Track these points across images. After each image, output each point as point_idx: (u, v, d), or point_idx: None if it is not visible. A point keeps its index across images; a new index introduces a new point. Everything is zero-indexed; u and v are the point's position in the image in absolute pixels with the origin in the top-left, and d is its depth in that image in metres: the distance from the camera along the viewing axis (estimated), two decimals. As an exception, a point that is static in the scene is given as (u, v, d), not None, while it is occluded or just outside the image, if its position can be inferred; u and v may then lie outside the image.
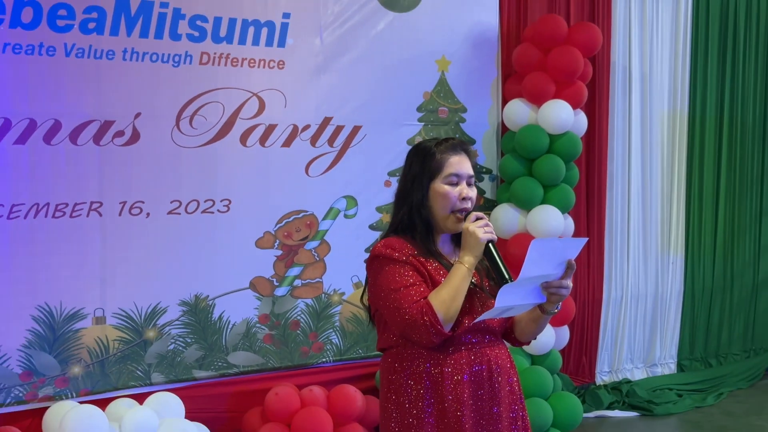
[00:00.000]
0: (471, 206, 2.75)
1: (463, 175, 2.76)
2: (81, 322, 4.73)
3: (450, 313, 2.60)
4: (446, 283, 2.63)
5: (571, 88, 5.76)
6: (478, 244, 2.63)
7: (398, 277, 2.66)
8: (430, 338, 2.61)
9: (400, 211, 2.80)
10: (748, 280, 7.45)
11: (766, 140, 7.45)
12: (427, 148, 2.79)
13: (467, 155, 2.81)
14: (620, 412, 6.39)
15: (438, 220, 2.76)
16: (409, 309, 2.61)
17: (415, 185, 2.77)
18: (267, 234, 5.24)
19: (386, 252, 2.71)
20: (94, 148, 4.71)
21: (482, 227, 2.65)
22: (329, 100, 5.37)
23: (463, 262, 2.64)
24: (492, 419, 2.74)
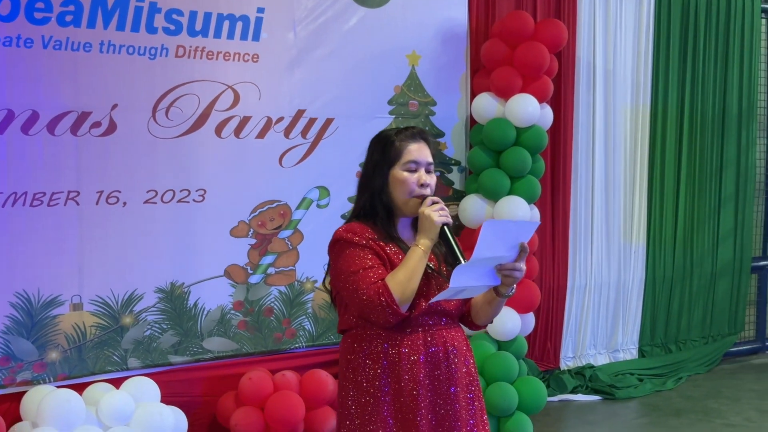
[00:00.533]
0: (430, 192, 2.85)
1: (421, 162, 2.85)
2: (58, 308, 4.83)
3: (406, 294, 2.69)
4: (402, 265, 2.72)
5: (537, 83, 5.91)
6: (434, 227, 2.72)
7: (357, 260, 2.76)
8: (387, 318, 2.70)
9: (362, 197, 2.90)
10: (707, 269, 7.67)
11: (724, 134, 7.66)
12: (388, 136, 2.90)
13: (426, 143, 2.91)
14: (583, 396, 6.60)
15: (398, 206, 2.85)
16: (367, 290, 2.69)
17: (376, 172, 2.87)
18: (241, 223, 5.36)
19: (347, 236, 2.80)
20: (71, 139, 4.80)
21: (437, 211, 2.75)
22: (303, 93, 5.50)
23: (419, 245, 2.72)
24: (449, 399, 2.82)
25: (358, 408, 2.82)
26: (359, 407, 2.81)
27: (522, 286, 5.86)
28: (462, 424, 2.83)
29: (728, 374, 7.39)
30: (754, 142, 7.87)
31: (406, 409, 2.78)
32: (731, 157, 7.72)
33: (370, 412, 2.79)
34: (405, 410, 2.78)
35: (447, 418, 2.82)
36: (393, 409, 2.79)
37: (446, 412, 2.82)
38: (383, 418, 2.78)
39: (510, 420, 5.50)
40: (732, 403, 6.45)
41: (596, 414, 6.22)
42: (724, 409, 6.27)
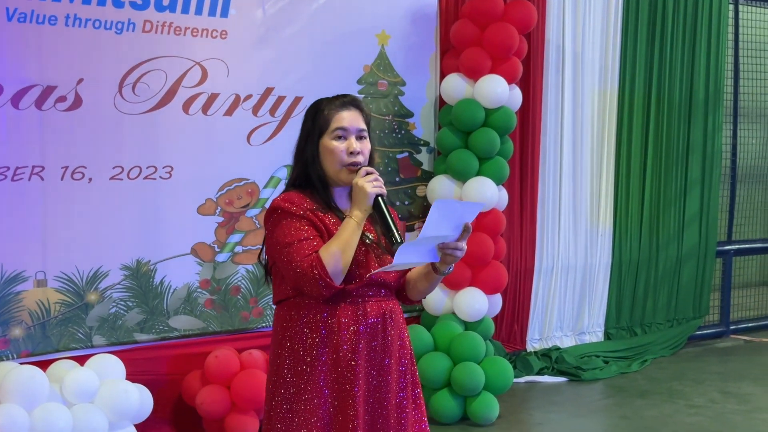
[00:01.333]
0: (363, 160, 2.80)
1: (351, 130, 2.79)
2: (22, 284, 4.76)
3: (339, 267, 2.65)
4: (336, 237, 2.68)
5: (506, 64, 5.92)
6: (367, 198, 2.69)
7: (293, 231, 2.71)
8: (320, 291, 2.67)
9: (297, 167, 2.85)
10: (672, 253, 7.74)
11: (691, 118, 7.73)
12: (318, 104, 2.84)
13: (358, 110, 2.85)
14: (549, 377, 6.64)
15: (330, 175, 2.80)
16: (301, 263, 2.66)
17: (308, 142, 2.81)
18: (209, 201, 5.33)
19: (284, 206, 2.75)
20: (36, 113, 4.73)
21: (371, 182, 2.71)
22: (271, 71, 5.46)
23: (352, 216, 2.69)
24: (383, 370, 2.80)
25: (294, 376, 2.76)
26: (295, 375, 2.76)
27: (489, 268, 5.90)
28: (392, 396, 2.81)
29: (692, 357, 7.48)
30: (720, 127, 7.94)
31: (342, 379, 2.74)
32: (697, 142, 7.79)
33: (306, 380, 2.74)
34: (342, 380, 2.75)
35: (379, 390, 2.80)
36: (329, 378, 2.75)
37: (378, 383, 2.80)
38: (319, 387, 2.74)
39: (476, 400, 5.52)
40: (696, 385, 6.52)
41: (562, 395, 6.27)
42: (688, 391, 6.34)
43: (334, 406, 2.76)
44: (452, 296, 5.91)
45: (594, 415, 5.83)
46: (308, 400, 2.75)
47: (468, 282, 5.88)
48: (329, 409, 2.76)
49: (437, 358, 5.55)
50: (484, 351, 5.64)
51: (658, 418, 5.67)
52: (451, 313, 5.90)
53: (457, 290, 5.90)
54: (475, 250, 5.77)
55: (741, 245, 8.50)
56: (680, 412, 5.82)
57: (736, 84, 8.26)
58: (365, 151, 2.82)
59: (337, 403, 2.76)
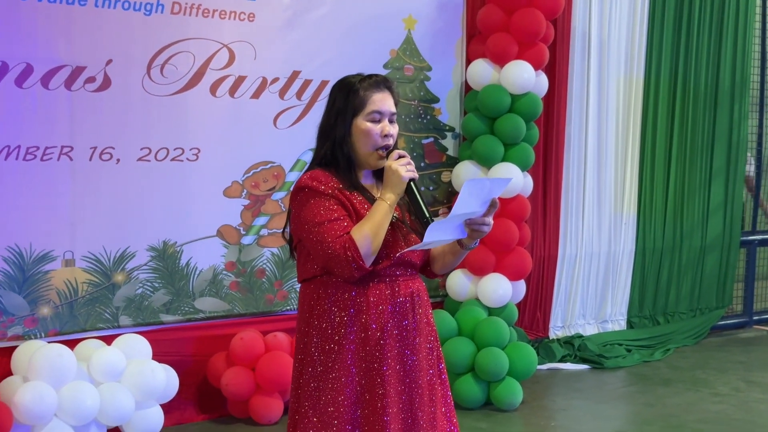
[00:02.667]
0: (393, 143, 2.80)
1: (385, 113, 2.79)
2: (50, 264, 4.80)
3: (372, 249, 2.65)
4: (368, 219, 2.68)
5: (533, 50, 5.90)
6: (400, 182, 2.69)
7: (323, 211, 2.70)
8: (352, 273, 2.67)
9: (323, 146, 2.82)
10: (696, 242, 7.70)
11: (717, 106, 7.68)
12: (351, 84, 2.81)
13: (390, 92, 2.83)
14: (572, 364, 6.64)
15: (360, 157, 2.80)
16: (333, 243, 2.65)
17: (338, 121, 2.78)
18: (235, 183, 5.34)
19: (312, 184, 2.73)
20: (65, 93, 4.76)
21: (404, 165, 2.71)
22: (298, 54, 5.47)
23: (384, 199, 2.69)
24: (414, 349, 2.80)
25: (322, 355, 2.75)
26: (323, 354, 2.75)
27: (514, 254, 5.89)
28: (423, 374, 2.82)
29: (715, 347, 7.44)
30: (746, 116, 7.89)
31: (371, 358, 2.74)
32: (723, 131, 7.74)
33: (334, 359, 2.74)
34: (370, 359, 2.75)
35: (413, 369, 2.80)
36: (357, 357, 2.74)
37: (412, 362, 2.80)
38: (347, 366, 2.74)
39: (500, 385, 5.52)
40: (719, 374, 6.50)
41: (585, 382, 6.26)
42: (711, 380, 6.32)
43: (361, 384, 2.77)
44: (476, 282, 5.90)
45: (617, 402, 5.82)
46: (336, 379, 2.75)
47: (492, 268, 5.88)
48: (356, 388, 2.77)
49: (461, 343, 5.55)
50: (509, 336, 5.63)
51: (682, 405, 5.66)
52: (474, 299, 5.90)
53: (481, 276, 5.89)
54: (500, 236, 5.76)
55: (765, 235, 8.44)
56: (704, 400, 5.80)
57: (762, 73, 8.19)
58: (395, 134, 2.83)
59: (364, 381, 2.76)
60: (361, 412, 2.76)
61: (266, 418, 5.15)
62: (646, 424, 5.28)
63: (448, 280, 5.99)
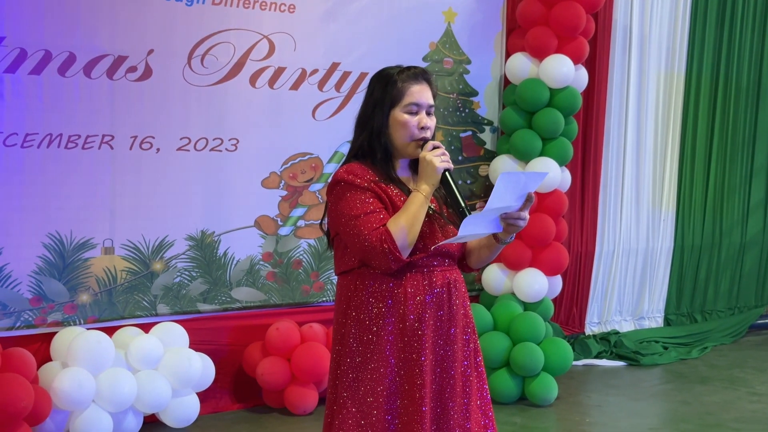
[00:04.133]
0: (430, 135, 2.80)
1: (423, 105, 2.78)
2: (90, 251, 4.85)
3: (408, 240, 2.66)
4: (404, 210, 2.68)
5: (572, 44, 5.86)
6: (435, 173, 2.69)
7: (359, 204, 2.70)
8: (389, 264, 2.67)
9: (360, 136, 2.82)
10: (735, 240, 7.63)
11: (759, 102, 7.60)
12: (390, 75, 2.80)
13: (428, 84, 2.83)
14: (608, 361, 6.60)
15: (397, 148, 2.79)
16: (369, 236, 2.65)
17: (376, 111, 2.78)
18: (273, 174, 5.36)
19: (348, 178, 2.73)
20: (107, 82, 4.80)
21: (439, 156, 2.71)
22: (337, 46, 5.47)
23: (420, 191, 2.69)
24: (449, 340, 2.80)
25: (360, 346, 2.76)
26: (361, 345, 2.76)
27: (550, 249, 5.86)
28: (458, 365, 2.82)
29: (754, 346, 7.37)
30: (788, 113, 7.79)
31: (409, 349, 2.74)
32: (764, 128, 7.66)
33: (372, 350, 2.75)
34: (408, 350, 2.75)
35: (446, 359, 2.80)
36: (395, 348, 2.75)
37: (445, 352, 2.80)
38: (385, 357, 2.74)
39: (535, 380, 5.50)
40: (758, 373, 6.43)
41: (621, 379, 6.22)
42: (749, 379, 6.25)
43: (400, 375, 2.76)
44: (512, 276, 5.88)
45: (654, 399, 5.77)
46: (374, 369, 2.75)
47: (528, 263, 5.85)
48: (395, 378, 2.76)
49: (497, 338, 5.53)
50: (544, 332, 5.61)
51: (720, 404, 5.60)
52: (510, 293, 5.88)
53: (518, 271, 5.87)
54: (537, 231, 5.74)
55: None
56: (742, 399, 5.74)
57: (805, 70, 8.08)
58: (432, 125, 2.82)
59: (403, 372, 2.76)
60: (401, 402, 2.76)
61: (301, 408, 5.17)
62: (682, 422, 5.23)
63: (484, 274, 5.97)
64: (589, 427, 5.19)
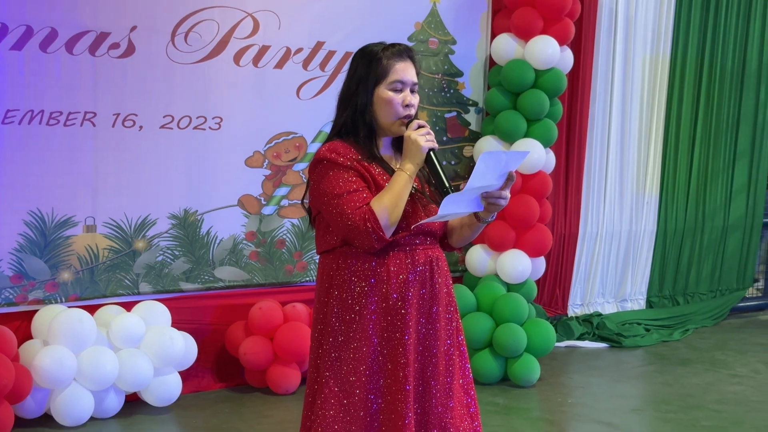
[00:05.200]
0: (413, 113, 2.78)
1: (407, 82, 2.76)
2: (72, 229, 4.82)
3: (392, 220, 2.64)
4: (388, 189, 2.66)
5: (558, 25, 5.84)
6: (420, 152, 2.68)
7: (342, 183, 2.68)
8: (372, 244, 2.66)
9: (344, 114, 2.79)
10: (718, 223, 7.66)
11: (743, 87, 7.61)
12: (374, 52, 2.77)
13: (412, 62, 2.81)
14: (590, 342, 6.63)
15: (381, 125, 2.77)
16: (352, 215, 2.64)
17: (360, 89, 2.75)
18: (257, 153, 5.33)
19: (331, 156, 2.71)
20: (89, 59, 4.75)
21: (424, 135, 2.69)
22: (322, 25, 5.44)
23: (404, 170, 2.67)
24: (431, 318, 2.80)
25: (342, 325, 2.74)
26: (343, 324, 2.74)
27: (534, 230, 5.86)
28: (441, 344, 2.81)
29: (735, 328, 7.41)
30: (772, 98, 7.82)
31: (392, 328, 2.73)
32: (748, 112, 7.67)
33: (355, 329, 2.73)
34: (391, 329, 2.74)
35: (428, 337, 2.79)
36: (378, 327, 2.73)
37: (427, 331, 2.79)
38: (368, 336, 2.73)
39: (518, 361, 5.51)
40: (739, 355, 6.47)
41: (603, 360, 6.24)
42: (730, 361, 6.29)
43: (383, 354, 2.75)
44: (495, 258, 5.88)
45: (635, 380, 5.80)
46: (357, 348, 2.74)
47: (512, 244, 5.85)
48: (378, 358, 2.75)
49: (480, 319, 5.53)
50: (527, 313, 5.62)
51: (701, 386, 5.63)
52: (494, 275, 5.88)
53: (501, 252, 5.87)
54: (520, 212, 5.73)
55: (789, 218, 8.39)
56: (723, 381, 5.77)
57: (790, 55, 8.10)
58: (416, 104, 2.80)
59: (386, 351, 2.75)
60: (384, 381, 2.75)
61: (283, 387, 5.17)
62: (663, 404, 5.26)
63: (468, 255, 5.97)
64: (571, 407, 5.21)
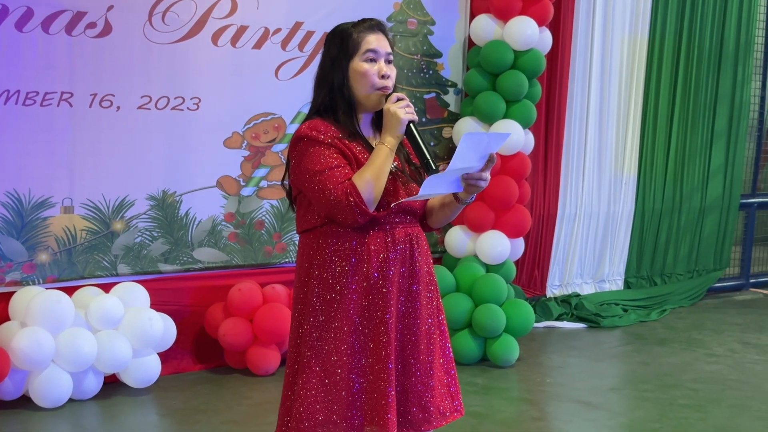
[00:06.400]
0: (391, 85, 2.76)
1: (380, 53, 2.75)
2: (49, 210, 4.78)
3: (374, 193, 2.64)
4: (369, 164, 2.66)
5: (537, 5, 5.83)
6: (399, 125, 2.66)
7: (323, 159, 2.67)
8: (355, 218, 2.65)
9: (321, 93, 2.79)
10: (695, 204, 7.70)
11: (720, 68, 7.64)
12: (345, 29, 2.78)
13: (384, 34, 2.81)
14: (568, 323, 6.66)
15: (360, 100, 2.75)
16: (334, 190, 2.63)
17: (334, 66, 2.74)
18: (235, 134, 5.31)
19: (311, 134, 2.69)
20: (65, 38, 4.71)
21: (403, 108, 2.68)
22: (300, 5, 5.41)
23: (384, 143, 2.67)
24: (411, 297, 2.80)
25: (323, 305, 2.74)
26: (324, 303, 2.74)
27: (513, 211, 5.87)
28: (422, 323, 2.81)
29: (712, 308, 7.47)
30: (749, 78, 7.86)
31: (374, 307, 2.73)
32: (726, 93, 7.71)
33: (336, 309, 2.73)
34: (373, 308, 2.74)
35: (408, 316, 2.80)
36: (359, 306, 2.73)
37: (407, 309, 2.80)
38: (349, 315, 2.73)
39: (497, 341, 5.53)
40: (715, 335, 6.53)
41: (581, 340, 6.28)
42: (707, 340, 6.34)
43: (365, 333, 2.75)
44: (475, 239, 5.89)
45: (613, 360, 5.84)
46: (338, 328, 2.73)
47: (491, 225, 5.86)
48: (360, 337, 2.75)
49: (459, 299, 5.55)
50: (506, 293, 5.64)
51: (678, 365, 5.68)
52: (473, 255, 5.90)
53: (480, 233, 5.88)
54: (499, 193, 5.74)
55: (765, 198, 8.45)
56: (700, 360, 5.83)
57: (767, 36, 8.13)
58: (393, 75, 2.78)
59: (368, 330, 2.75)
60: (366, 360, 2.75)
61: (263, 369, 5.17)
62: (641, 383, 5.30)
63: (447, 236, 5.98)
64: (549, 387, 5.24)
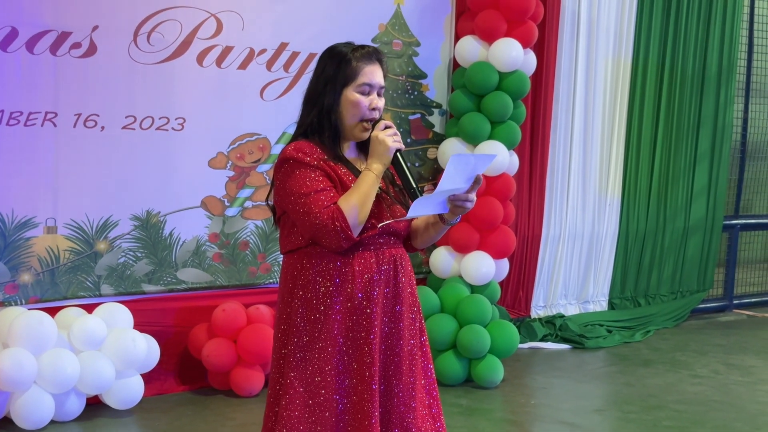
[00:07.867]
0: (378, 116, 2.79)
1: (375, 86, 2.78)
2: (32, 230, 4.76)
3: (360, 219, 2.65)
4: (355, 189, 2.68)
5: (522, 27, 5.88)
6: (387, 152, 2.70)
7: (309, 182, 2.69)
8: (340, 243, 2.66)
9: (310, 113, 2.80)
10: (679, 225, 7.74)
11: (704, 90, 7.70)
12: (343, 53, 2.79)
13: (380, 65, 2.83)
14: (553, 344, 6.66)
15: (345, 127, 2.78)
16: (320, 214, 2.64)
17: (327, 89, 2.76)
18: (220, 154, 5.31)
19: (297, 155, 2.71)
20: (50, 58, 4.71)
21: (391, 136, 2.72)
22: (286, 26, 5.42)
23: (371, 169, 2.69)
24: (394, 317, 2.80)
25: (307, 325, 2.74)
26: (308, 324, 2.74)
27: (498, 232, 5.89)
28: (404, 343, 2.81)
29: (695, 330, 7.49)
30: (731, 101, 7.92)
31: (358, 327, 2.74)
32: (708, 115, 7.77)
33: (320, 329, 2.73)
34: (357, 328, 2.74)
35: (391, 337, 2.80)
36: (343, 327, 2.74)
37: (390, 330, 2.80)
38: (333, 336, 2.73)
39: (481, 362, 5.52)
40: (699, 356, 6.54)
41: (565, 361, 6.28)
42: (691, 362, 6.36)
43: (348, 354, 2.75)
44: (459, 259, 5.90)
45: (597, 381, 5.85)
46: (322, 349, 2.74)
47: (476, 246, 5.87)
48: (344, 358, 2.75)
49: (444, 320, 5.54)
50: (491, 314, 5.64)
51: (662, 386, 5.69)
52: (458, 276, 5.90)
53: (465, 253, 5.89)
54: (484, 214, 5.76)
55: (748, 220, 8.50)
56: (684, 381, 5.83)
57: (749, 58, 8.22)
58: (382, 107, 2.82)
59: (352, 351, 2.75)
60: (349, 381, 2.75)
61: (247, 390, 5.14)
62: (625, 404, 5.30)
63: (432, 256, 5.99)
64: (534, 408, 5.23)
